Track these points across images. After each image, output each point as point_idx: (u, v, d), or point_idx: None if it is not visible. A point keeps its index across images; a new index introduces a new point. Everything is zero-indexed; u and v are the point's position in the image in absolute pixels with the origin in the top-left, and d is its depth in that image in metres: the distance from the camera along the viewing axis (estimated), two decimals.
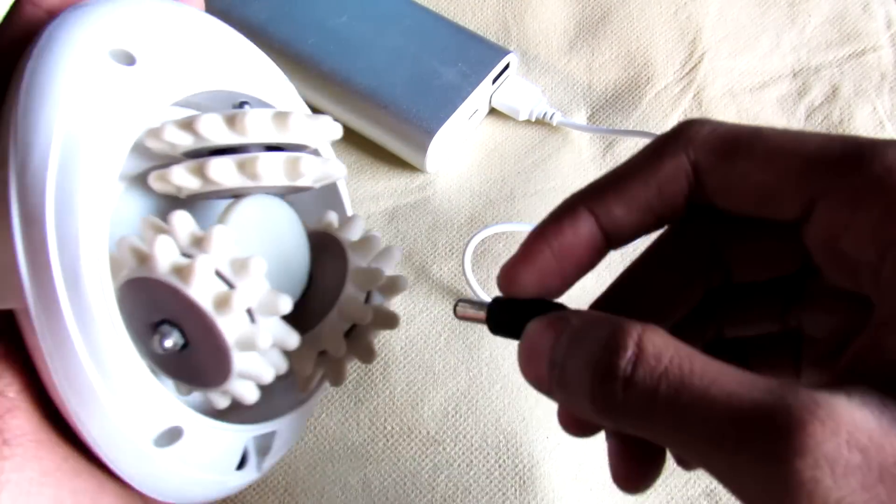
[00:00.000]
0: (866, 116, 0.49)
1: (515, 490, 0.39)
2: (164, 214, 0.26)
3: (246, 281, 0.25)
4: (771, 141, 0.23)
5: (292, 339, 0.26)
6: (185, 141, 0.26)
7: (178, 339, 0.26)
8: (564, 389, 0.22)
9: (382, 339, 0.43)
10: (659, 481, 0.39)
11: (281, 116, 0.27)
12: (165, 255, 0.25)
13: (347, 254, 0.30)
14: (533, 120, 0.49)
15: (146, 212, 0.28)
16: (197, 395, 0.28)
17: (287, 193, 0.29)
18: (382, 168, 0.48)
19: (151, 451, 0.25)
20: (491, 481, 0.39)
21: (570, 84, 0.51)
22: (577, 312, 0.23)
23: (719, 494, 0.39)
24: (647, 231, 0.25)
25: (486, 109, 0.50)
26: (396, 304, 0.44)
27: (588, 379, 0.21)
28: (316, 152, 0.31)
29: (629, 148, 0.49)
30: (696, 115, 0.50)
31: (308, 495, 0.39)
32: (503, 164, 0.48)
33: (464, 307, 0.27)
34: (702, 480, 0.39)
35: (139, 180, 0.29)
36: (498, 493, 0.39)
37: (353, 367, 0.42)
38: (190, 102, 0.28)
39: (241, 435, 0.28)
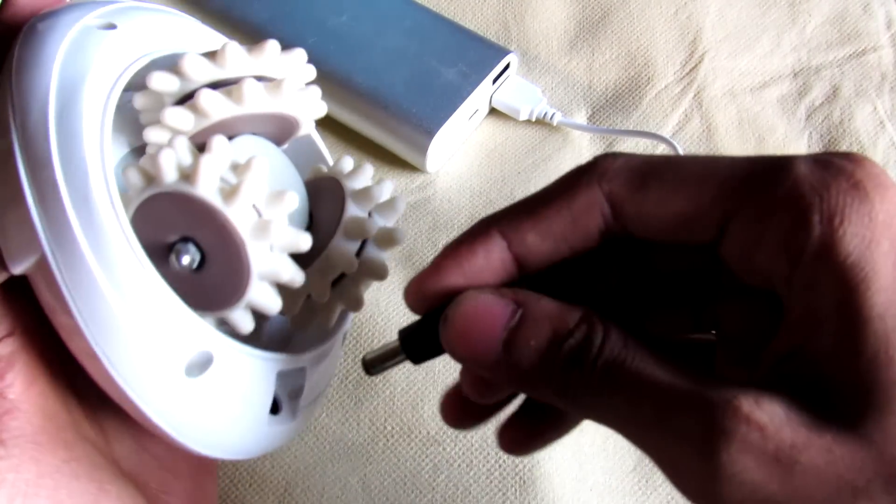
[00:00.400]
0: (866, 116, 0.49)
1: (515, 490, 0.39)
2: None
3: (249, 175, 0.25)
4: (682, 168, 0.24)
5: (304, 240, 0.26)
6: (172, 85, 0.27)
7: (195, 253, 0.26)
8: (521, 371, 0.23)
9: (382, 339, 0.43)
10: (659, 481, 0.39)
11: (256, 47, 0.28)
12: (169, 166, 0.25)
13: (342, 182, 0.30)
14: (533, 120, 0.49)
15: None
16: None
17: (275, 139, 0.30)
18: (382, 168, 0.48)
19: (184, 383, 0.25)
20: (491, 481, 0.39)
21: (570, 84, 0.51)
22: (527, 295, 0.24)
23: None
24: (560, 260, 0.26)
25: (486, 109, 0.50)
26: (396, 304, 0.44)
27: (560, 365, 0.23)
28: None
29: (629, 148, 0.49)
30: (696, 115, 0.50)
31: (308, 495, 0.39)
32: (503, 164, 0.48)
33: (373, 356, 0.27)
34: None
35: (133, 156, 0.30)
36: (498, 493, 0.39)
37: (354, 367, 0.42)
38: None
39: (271, 364, 0.28)
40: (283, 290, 0.27)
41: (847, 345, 0.20)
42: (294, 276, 0.27)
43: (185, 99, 0.28)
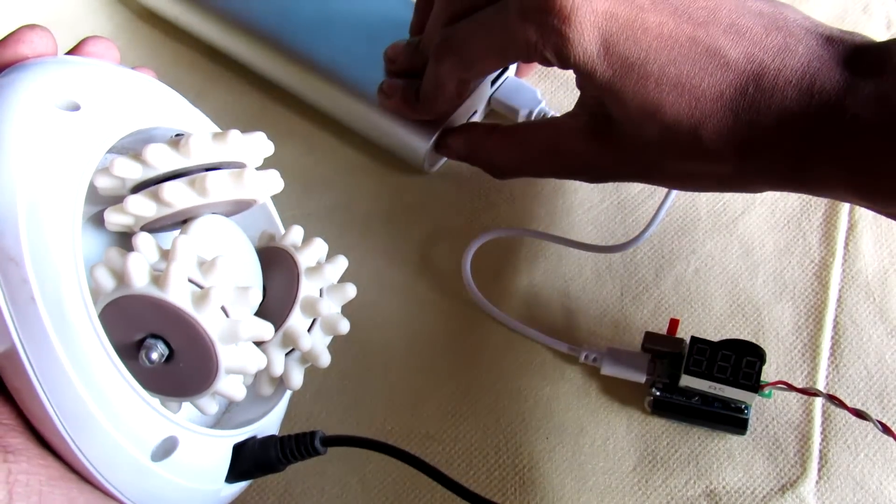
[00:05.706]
0: None
1: (515, 490, 0.39)
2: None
3: (215, 277, 0.27)
4: None
5: (267, 329, 0.28)
6: (135, 173, 0.28)
7: (163, 349, 0.27)
8: None
9: (382, 339, 0.43)
10: (659, 481, 0.39)
11: (220, 135, 0.29)
12: (139, 270, 0.27)
13: (295, 257, 0.32)
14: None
15: (101, 252, 0.30)
16: (185, 413, 0.30)
17: (231, 213, 0.32)
18: (382, 168, 0.48)
19: (150, 466, 0.27)
20: (491, 481, 0.39)
21: (570, 85, 0.51)
22: None
23: (719, 494, 0.39)
24: None
25: (485, 110, 0.50)
26: (396, 305, 0.44)
27: None
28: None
29: None
30: None
31: (308, 495, 0.39)
32: None
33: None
34: (702, 480, 0.39)
35: (90, 223, 0.31)
36: (498, 494, 0.39)
37: (353, 367, 0.42)
38: (124, 149, 0.30)
39: (228, 441, 0.30)
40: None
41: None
42: (259, 366, 0.29)
43: (149, 181, 0.29)
